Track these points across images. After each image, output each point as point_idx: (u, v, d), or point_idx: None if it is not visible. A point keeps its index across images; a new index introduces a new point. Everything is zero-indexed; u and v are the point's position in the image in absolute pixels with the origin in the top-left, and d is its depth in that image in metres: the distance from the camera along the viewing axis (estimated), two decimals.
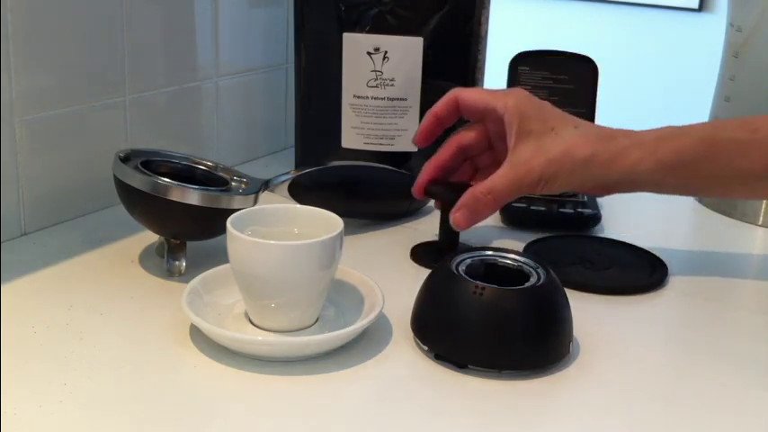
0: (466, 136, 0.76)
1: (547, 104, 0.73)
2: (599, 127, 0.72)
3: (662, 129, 0.70)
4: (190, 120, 0.95)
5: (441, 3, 0.89)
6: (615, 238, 0.83)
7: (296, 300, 0.61)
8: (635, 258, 0.79)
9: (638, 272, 0.77)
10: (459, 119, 0.76)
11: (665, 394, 0.59)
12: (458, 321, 0.59)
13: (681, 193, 0.75)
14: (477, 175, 0.78)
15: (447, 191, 0.76)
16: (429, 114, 0.75)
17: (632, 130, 0.71)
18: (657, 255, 0.79)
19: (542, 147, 0.69)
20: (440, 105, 0.75)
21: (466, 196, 0.71)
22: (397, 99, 0.91)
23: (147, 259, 0.74)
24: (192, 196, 0.68)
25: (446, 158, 0.76)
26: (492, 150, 0.76)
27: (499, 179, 0.70)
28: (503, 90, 0.74)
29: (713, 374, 0.61)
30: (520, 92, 0.73)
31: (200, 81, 0.94)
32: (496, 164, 0.72)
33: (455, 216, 0.71)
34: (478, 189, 0.70)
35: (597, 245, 0.82)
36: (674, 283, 0.75)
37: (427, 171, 0.76)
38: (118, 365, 0.58)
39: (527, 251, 0.77)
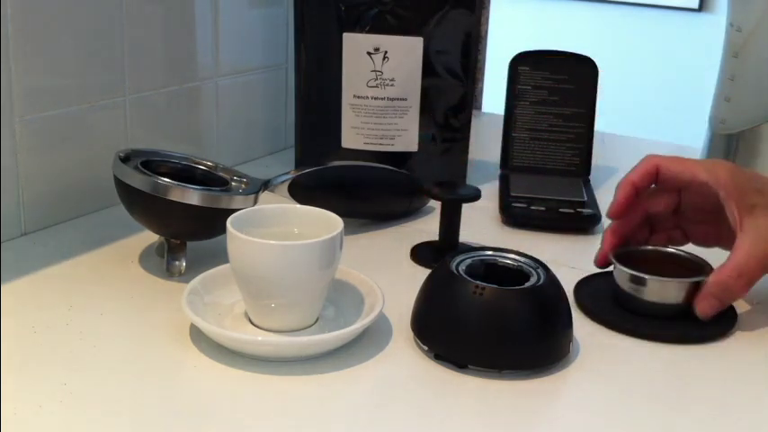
0: (656, 204, 0.73)
1: (756, 174, 0.70)
2: None
3: None
4: (190, 120, 0.95)
5: (441, 3, 0.89)
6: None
7: (296, 300, 0.61)
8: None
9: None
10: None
11: (666, 394, 0.59)
12: (458, 321, 0.59)
13: None
14: (653, 237, 0.74)
15: (447, 191, 0.77)
16: (626, 184, 0.71)
17: None
18: None
19: None
20: (638, 175, 0.71)
21: (711, 285, 0.66)
22: (397, 99, 0.91)
23: (147, 259, 0.74)
24: (192, 196, 0.68)
25: (632, 227, 0.73)
26: (675, 215, 0.73)
27: (746, 259, 0.65)
28: (705, 161, 0.71)
29: (714, 374, 0.61)
30: (727, 164, 0.69)
31: (201, 81, 0.94)
32: (678, 228, 0.73)
33: (701, 305, 0.66)
34: (725, 274, 0.65)
35: None
36: None
37: (610, 241, 0.72)
38: (118, 365, 0.58)
39: (578, 291, 0.70)
